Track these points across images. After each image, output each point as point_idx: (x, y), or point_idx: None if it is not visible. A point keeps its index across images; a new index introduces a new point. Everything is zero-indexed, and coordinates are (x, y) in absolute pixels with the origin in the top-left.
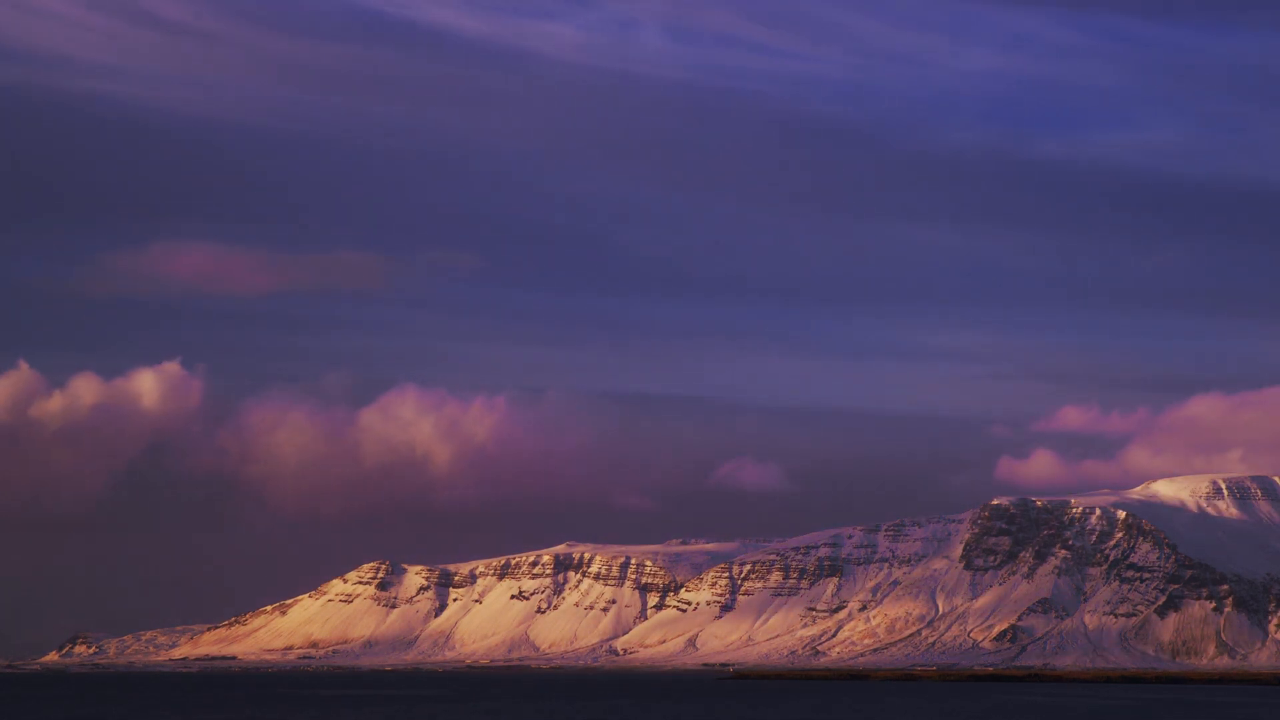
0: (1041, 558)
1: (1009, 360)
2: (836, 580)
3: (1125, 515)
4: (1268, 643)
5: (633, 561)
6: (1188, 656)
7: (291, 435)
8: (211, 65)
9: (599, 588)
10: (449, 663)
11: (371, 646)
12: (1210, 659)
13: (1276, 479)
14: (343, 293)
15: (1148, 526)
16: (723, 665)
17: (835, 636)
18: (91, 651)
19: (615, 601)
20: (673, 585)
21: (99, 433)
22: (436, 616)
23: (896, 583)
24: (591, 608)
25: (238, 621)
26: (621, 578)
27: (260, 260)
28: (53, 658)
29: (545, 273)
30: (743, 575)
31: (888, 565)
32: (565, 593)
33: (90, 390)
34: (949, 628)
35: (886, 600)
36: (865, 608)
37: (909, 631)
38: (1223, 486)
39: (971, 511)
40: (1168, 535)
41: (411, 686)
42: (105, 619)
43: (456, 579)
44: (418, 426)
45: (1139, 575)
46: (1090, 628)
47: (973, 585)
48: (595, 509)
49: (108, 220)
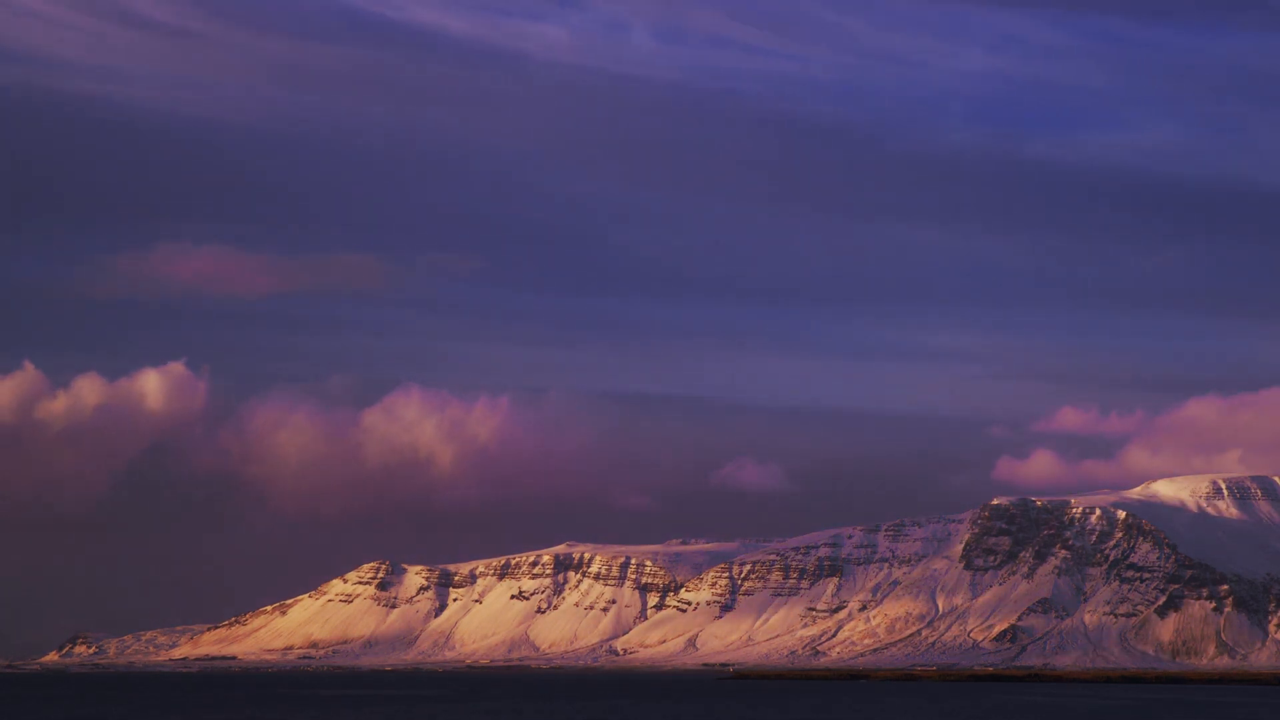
0: (1041, 558)
1: (1008, 360)
2: (836, 580)
3: (1125, 515)
4: (1268, 643)
5: (633, 561)
6: (1188, 656)
7: (293, 436)
8: (214, 68)
9: (599, 588)
10: (449, 663)
11: (371, 646)
12: (1210, 659)
13: (1276, 479)
14: (344, 294)
15: (1148, 526)
16: (723, 665)
17: (835, 636)
18: (91, 651)
19: (615, 601)
20: (673, 585)
21: (102, 433)
22: (436, 616)
23: (896, 583)
24: (591, 608)
25: (238, 621)
26: (621, 578)
27: (262, 262)
28: (53, 658)
29: (545, 273)
30: (743, 575)
31: (888, 565)
32: (565, 593)
33: (94, 391)
34: (949, 628)
35: (886, 600)
36: (865, 608)
37: (909, 631)
38: (1223, 486)
39: (971, 511)
40: (1168, 535)
41: (411, 686)
42: (105, 619)
43: (456, 579)
44: (421, 427)
45: (1139, 575)
46: (1090, 628)
47: (973, 585)
48: (595, 509)
49: (111, 222)
